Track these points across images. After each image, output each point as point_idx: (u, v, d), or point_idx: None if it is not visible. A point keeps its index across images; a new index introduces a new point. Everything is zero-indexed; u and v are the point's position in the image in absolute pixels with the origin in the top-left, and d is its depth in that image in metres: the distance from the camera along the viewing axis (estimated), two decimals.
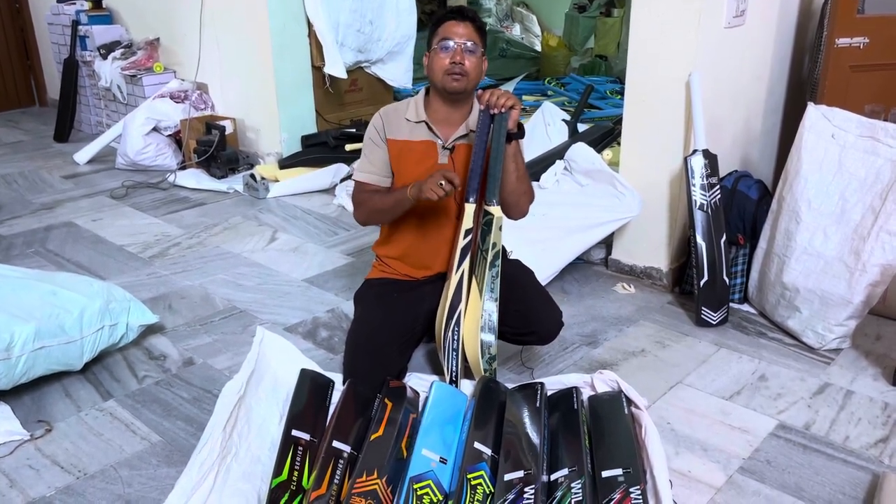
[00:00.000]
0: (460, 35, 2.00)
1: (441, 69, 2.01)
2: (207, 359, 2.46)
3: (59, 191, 4.27)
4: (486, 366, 2.05)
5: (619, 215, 2.82)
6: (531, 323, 2.03)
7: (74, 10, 5.30)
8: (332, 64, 4.35)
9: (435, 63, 2.02)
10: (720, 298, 2.63)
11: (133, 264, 3.23)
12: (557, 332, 2.16)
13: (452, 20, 2.02)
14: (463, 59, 1.99)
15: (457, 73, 1.99)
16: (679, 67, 2.68)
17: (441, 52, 2.00)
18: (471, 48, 2.00)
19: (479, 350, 2.02)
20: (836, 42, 2.92)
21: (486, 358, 2.04)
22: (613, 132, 3.69)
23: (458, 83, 2.01)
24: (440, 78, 2.02)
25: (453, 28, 2.00)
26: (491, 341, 2.03)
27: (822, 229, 2.48)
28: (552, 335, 2.16)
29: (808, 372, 2.35)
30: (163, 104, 4.60)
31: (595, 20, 7.51)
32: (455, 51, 1.98)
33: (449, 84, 2.01)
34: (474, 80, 2.06)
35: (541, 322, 2.10)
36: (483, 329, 2.02)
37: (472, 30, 2.02)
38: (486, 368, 2.05)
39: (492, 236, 2.00)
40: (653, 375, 2.34)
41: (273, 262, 3.24)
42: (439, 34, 2.02)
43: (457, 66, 1.98)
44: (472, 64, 2.01)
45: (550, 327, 2.14)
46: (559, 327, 2.15)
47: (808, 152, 2.53)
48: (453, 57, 1.98)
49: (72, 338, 2.26)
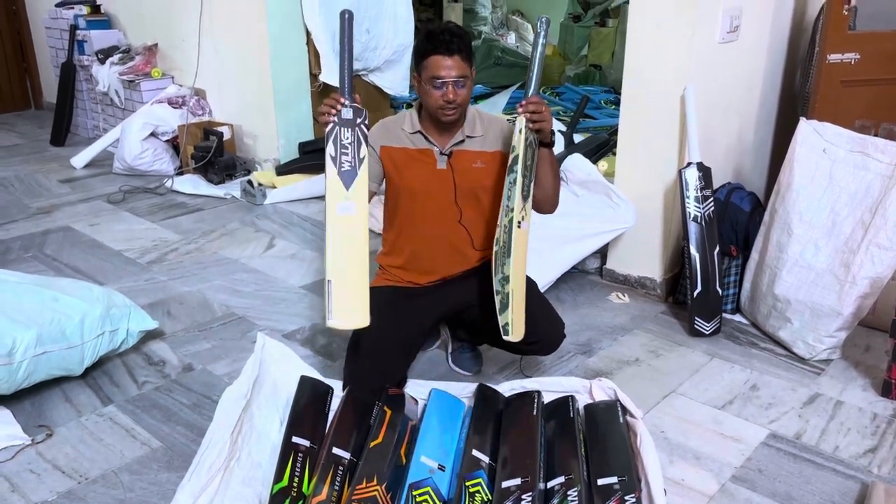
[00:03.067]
0: (449, 70, 2.01)
1: (435, 104, 2.05)
2: (207, 365, 2.48)
3: (56, 195, 4.28)
4: (499, 286, 1.96)
5: (614, 226, 2.87)
6: (534, 333, 2.06)
7: (73, 15, 5.31)
8: (329, 72, 4.38)
9: (428, 96, 2.05)
10: (713, 309, 2.67)
11: (131, 269, 3.25)
12: (559, 342, 2.19)
13: (439, 55, 2.01)
14: (456, 95, 2.02)
15: (451, 108, 2.04)
16: (674, 81, 2.73)
17: (433, 90, 2.03)
18: (462, 83, 2.03)
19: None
20: (828, 58, 2.97)
21: (498, 277, 1.97)
22: (609, 143, 3.74)
23: (453, 115, 2.06)
24: (434, 111, 2.07)
25: (442, 63, 2.00)
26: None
27: (813, 242, 2.53)
28: (554, 346, 2.20)
29: (798, 382, 2.40)
30: (161, 109, 4.63)
31: (590, 30, 7.58)
32: (447, 90, 2.02)
33: (443, 117, 2.07)
34: (466, 104, 2.11)
35: (543, 332, 2.13)
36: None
37: (460, 62, 2.02)
38: (497, 289, 1.96)
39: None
40: (647, 384, 2.38)
41: (271, 269, 3.26)
42: (429, 68, 2.02)
43: (451, 103, 2.03)
44: (464, 94, 2.05)
45: (553, 338, 2.17)
46: (561, 338, 2.19)
47: (800, 166, 2.58)
48: (445, 95, 2.02)
49: (73, 343, 2.28)
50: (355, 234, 1.98)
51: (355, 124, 2.00)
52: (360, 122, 2.00)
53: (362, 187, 1.99)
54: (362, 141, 2.00)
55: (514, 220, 1.93)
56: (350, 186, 1.99)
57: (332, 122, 1.98)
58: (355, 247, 1.97)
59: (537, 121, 1.97)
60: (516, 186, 1.95)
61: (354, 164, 1.99)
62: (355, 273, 1.96)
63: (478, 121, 2.17)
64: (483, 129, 2.16)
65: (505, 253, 1.93)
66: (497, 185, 2.21)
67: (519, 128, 1.97)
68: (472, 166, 2.15)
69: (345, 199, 1.98)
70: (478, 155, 2.16)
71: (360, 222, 1.98)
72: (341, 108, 1.98)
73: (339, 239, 1.97)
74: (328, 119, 1.98)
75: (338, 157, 1.99)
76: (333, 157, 1.99)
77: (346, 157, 1.99)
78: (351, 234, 1.98)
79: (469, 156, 2.15)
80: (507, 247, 1.93)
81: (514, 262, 1.92)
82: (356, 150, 2.00)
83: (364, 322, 1.93)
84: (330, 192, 1.98)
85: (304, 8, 4.32)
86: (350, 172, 1.99)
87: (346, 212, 1.98)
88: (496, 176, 2.19)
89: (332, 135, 1.99)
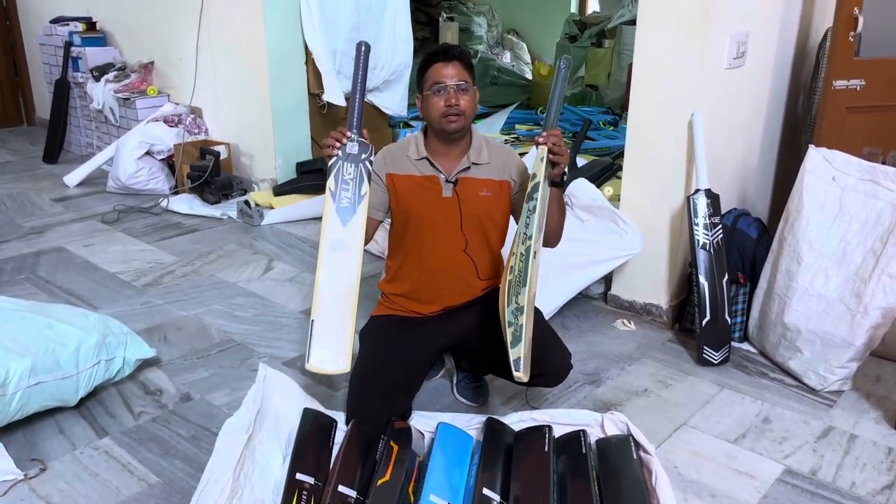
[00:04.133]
0: (451, 76, 2.01)
1: (438, 112, 2.02)
2: (205, 394, 2.42)
3: (48, 214, 4.21)
4: (512, 317, 1.86)
5: (620, 252, 2.83)
6: (539, 365, 2.01)
7: (68, 32, 5.27)
8: (331, 92, 4.35)
9: (430, 107, 2.03)
10: (722, 338, 2.63)
11: (126, 293, 3.18)
12: (566, 374, 2.14)
13: (440, 62, 2.02)
14: (458, 99, 2.00)
15: (454, 114, 2.01)
16: (681, 107, 2.70)
17: (435, 96, 2.01)
18: (463, 87, 2.02)
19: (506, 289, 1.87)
20: (834, 84, 2.96)
21: (511, 307, 1.87)
22: (612, 167, 3.71)
23: (457, 123, 2.03)
24: (438, 120, 2.03)
25: (442, 70, 2.01)
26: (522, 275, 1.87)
27: (823, 271, 2.49)
28: (560, 378, 2.15)
29: (811, 414, 2.35)
30: (156, 128, 4.57)
31: (586, 50, 7.59)
32: (449, 94, 2.00)
33: (448, 126, 2.03)
34: (471, 115, 2.08)
35: (549, 364, 2.08)
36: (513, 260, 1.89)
37: (460, 68, 2.03)
38: (510, 321, 1.86)
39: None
40: (657, 416, 2.33)
41: (269, 293, 3.20)
42: (429, 78, 2.03)
43: (453, 108, 2.00)
44: (467, 102, 2.02)
45: (559, 370, 2.12)
46: (568, 370, 2.14)
47: (809, 194, 2.56)
48: (448, 100, 2.00)
49: (67, 373, 2.21)
50: (346, 275, 1.91)
51: (360, 160, 1.95)
52: (365, 159, 1.95)
53: (359, 226, 1.93)
54: (364, 178, 1.94)
55: (532, 248, 1.87)
56: (347, 224, 1.93)
57: (336, 155, 1.93)
58: (345, 288, 1.91)
59: (556, 153, 1.92)
60: (535, 215, 1.90)
61: (354, 202, 1.94)
62: (341, 315, 1.89)
63: (484, 148, 2.14)
64: (489, 156, 2.13)
65: (520, 282, 1.87)
66: (503, 215, 2.17)
67: (541, 156, 1.92)
68: (478, 195, 2.11)
69: (339, 237, 1.92)
70: (484, 183, 2.12)
71: (352, 262, 1.92)
72: (347, 141, 1.93)
73: (329, 277, 1.91)
74: (332, 153, 1.93)
75: (337, 192, 1.93)
76: (333, 191, 1.93)
77: (346, 194, 1.93)
78: (341, 273, 1.92)
79: (475, 184, 2.11)
80: (523, 276, 1.87)
81: (529, 292, 1.87)
82: (357, 187, 1.94)
83: (344, 369, 1.87)
84: (325, 227, 1.92)
85: (304, 27, 4.28)
86: (348, 209, 1.93)
87: (339, 250, 1.92)
88: (502, 205, 2.15)
89: (334, 168, 1.93)
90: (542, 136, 1.94)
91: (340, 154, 1.93)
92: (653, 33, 2.72)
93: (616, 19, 7.25)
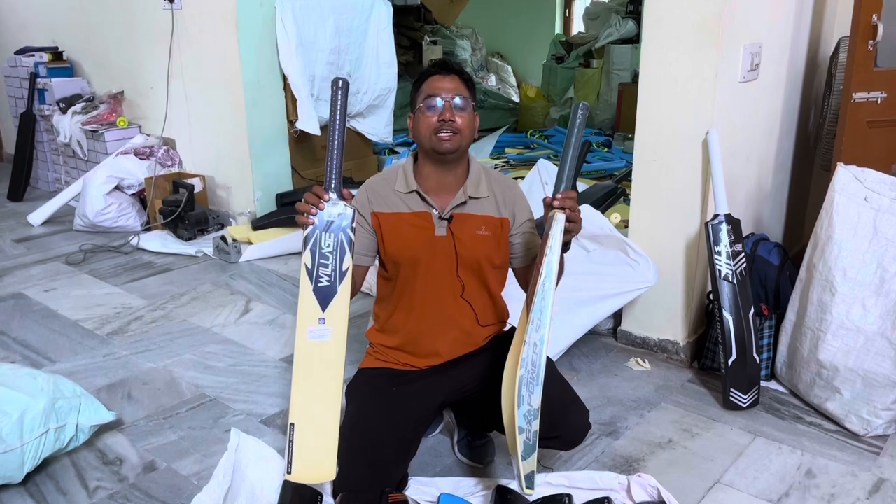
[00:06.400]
0: (447, 90, 1.76)
1: (429, 129, 1.76)
2: (172, 462, 2.12)
3: (9, 256, 3.91)
4: (524, 422, 1.61)
5: (633, 286, 2.57)
6: (556, 426, 1.74)
7: (33, 62, 5.00)
8: (305, 119, 4.10)
9: (421, 123, 1.78)
10: (750, 378, 2.37)
11: (88, 343, 2.88)
12: (583, 437, 1.87)
13: (436, 74, 1.79)
14: (453, 115, 1.75)
15: (447, 130, 1.75)
16: (694, 124, 2.47)
17: (427, 110, 1.76)
18: (460, 104, 1.77)
19: (516, 395, 1.61)
20: (853, 97, 2.75)
21: (523, 410, 1.62)
22: (617, 191, 3.47)
23: (451, 142, 1.76)
24: (428, 139, 1.77)
25: (438, 83, 1.77)
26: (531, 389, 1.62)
27: (860, 301, 2.25)
28: (578, 441, 1.87)
29: (857, 465, 2.09)
30: (126, 161, 4.30)
31: (574, 71, 7.44)
32: (443, 108, 1.75)
33: (439, 145, 1.76)
34: (468, 137, 1.81)
35: (568, 426, 1.80)
36: (523, 365, 1.61)
37: (459, 83, 1.79)
38: (521, 426, 1.61)
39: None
40: (686, 473, 2.05)
41: (247, 338, 2.92)
42: (423, 91, 1.79)
43: (446, 123, 1.74)
44: (465, 120, 1.77)
45: (576, 433, 1.84)
46: (586, 431, 1.86)
47: (839, 216, 2.32)
48: (441, 115, 1.74)
49: (10, 446, 1.92)
50: (327, 368, 1.66)
51: (340, 229, 1.66)
52: (347, 227, 1.67)
53: (342, 309, 1.66)
54: (346, 249, 1.66)
55: (545, 338, 1.59)
56: (327, 306, 1.66)
57: (312, 224, 1.65)
58: (327, 384, 1.66)
59: (573, 220, 1.64)
60: (550, 297, 1.59)
61: (334, 280, 1.66)
62: (323, 417, 1.65)
63: (483, 180, 1.88)
64: (489, 189, 1.87)
65: (533, 379, 1.60)
66: (503, 259, 1.90)
67: (557, 224, 1.61)
68: (475, 233, 1.84)
69: (319, 323, 1.65)
70: (482, 220, 1.85)
71: (334, 352, 1.66)
72: (325, 206, 1.65)
73: (308, 372, 1.65)
74: (306, 221, 1.65)
75: (314, 269, 1.65)
76: (310, 269, 1.65)
77: (324, 270, 1.65)
78: (322, 367, 1.66)
79: (472, 221, 1.85)
80: (537, 371, 1.60)
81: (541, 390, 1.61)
82: (338, 262, 1.66)
83: (329, 476, 1.66)
84: (302, 312, 1.65)
85: (279, 52, 4.04)
86: (328, 289, 1.66)
87: (318, 338, 1.65)
88: (503, 247, 1.88)
89: (310, 241, 1.65)
90: (558, 197, 1.64)
91: (317, 223, 1.66)
92: (660, 45, 2.49)
93: (604, 39, 7.10)
